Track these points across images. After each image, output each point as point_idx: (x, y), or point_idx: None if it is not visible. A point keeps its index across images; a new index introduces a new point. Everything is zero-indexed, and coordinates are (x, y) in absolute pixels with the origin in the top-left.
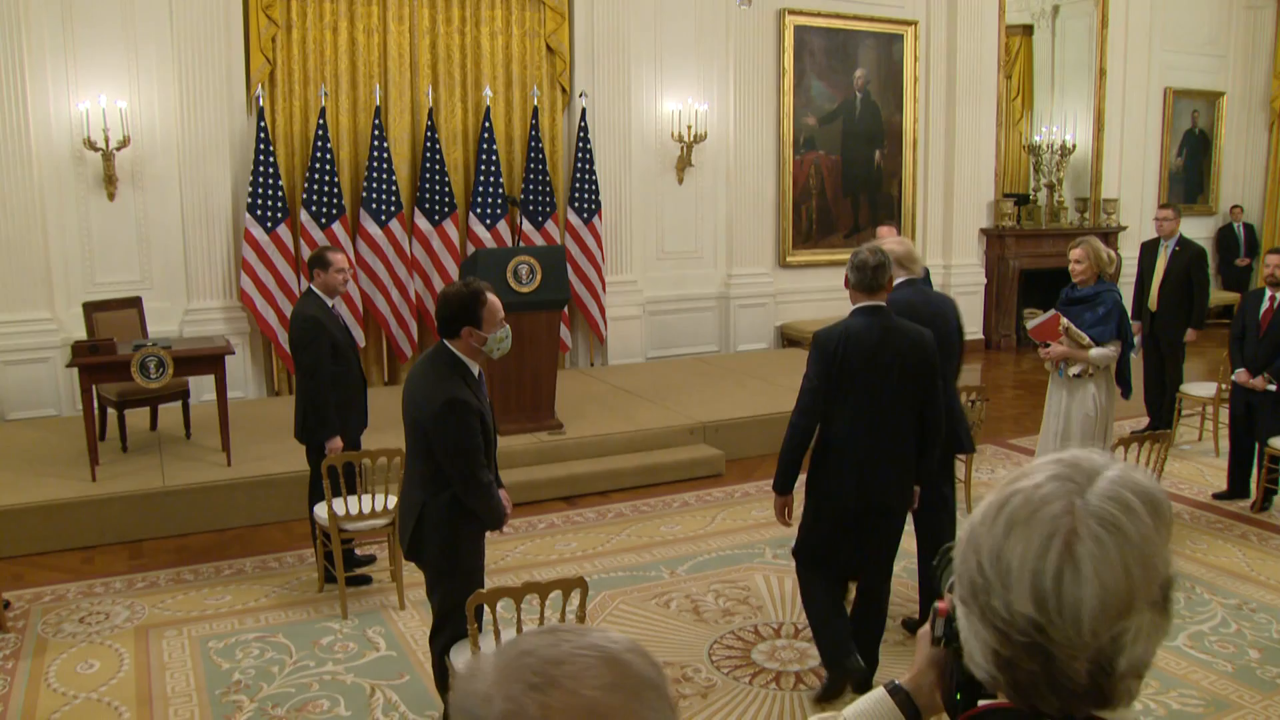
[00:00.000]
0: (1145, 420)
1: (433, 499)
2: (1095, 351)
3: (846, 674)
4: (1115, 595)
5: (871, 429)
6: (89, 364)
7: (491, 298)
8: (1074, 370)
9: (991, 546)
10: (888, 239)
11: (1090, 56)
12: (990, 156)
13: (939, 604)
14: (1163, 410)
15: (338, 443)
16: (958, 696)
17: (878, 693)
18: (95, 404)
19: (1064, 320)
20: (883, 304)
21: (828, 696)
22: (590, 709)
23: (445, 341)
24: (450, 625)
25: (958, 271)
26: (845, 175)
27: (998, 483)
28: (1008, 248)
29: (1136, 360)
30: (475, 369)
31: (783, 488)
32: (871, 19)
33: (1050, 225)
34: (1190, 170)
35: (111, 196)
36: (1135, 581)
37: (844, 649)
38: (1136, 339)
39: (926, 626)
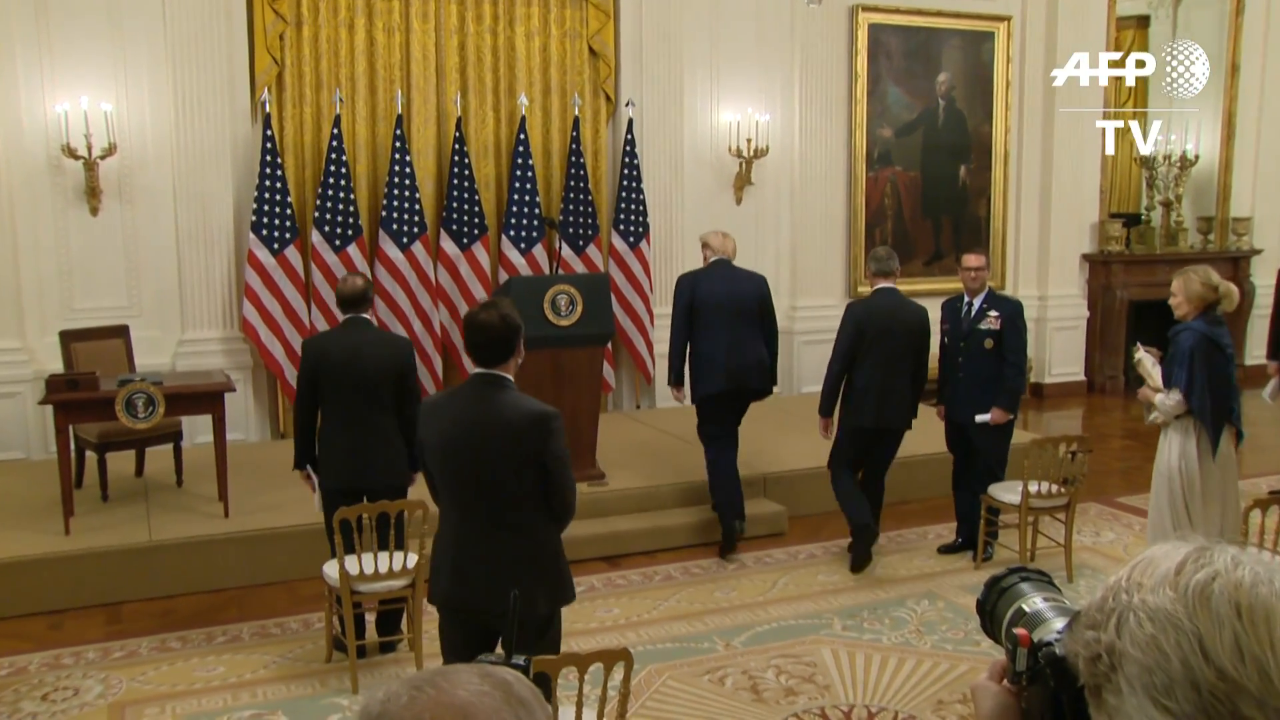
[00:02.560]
0: None
1: (553, 533)
2: (1159, 397)
3: (865, 529)
4: None
5: (884, 374)
6: (66, 401)
7: None
8: (1151, 415)
9: (1227, 643)
10: (713, 231)
11: (1220, 50)
12: (1095, 171)
13: (1019, 632)
14: None
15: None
16: None
17: None
18: (72, 446)
19: (1139, 350)
20: (895, 286)
21: (859, 563)
22: (457, 705)
23: (491, 370)
24: None
25: (1055, 304)
26: (925, 194)
27: (1104, 549)
28: (1114, 276)
29: (1264, 406)
30: None
31: (826, 412)
32: (957, 14)
33: (1166, 250)
34: None
35: (94, 211)
36: None
37: (864, 514)
38: (1272, 385)
39: (982, 678)
